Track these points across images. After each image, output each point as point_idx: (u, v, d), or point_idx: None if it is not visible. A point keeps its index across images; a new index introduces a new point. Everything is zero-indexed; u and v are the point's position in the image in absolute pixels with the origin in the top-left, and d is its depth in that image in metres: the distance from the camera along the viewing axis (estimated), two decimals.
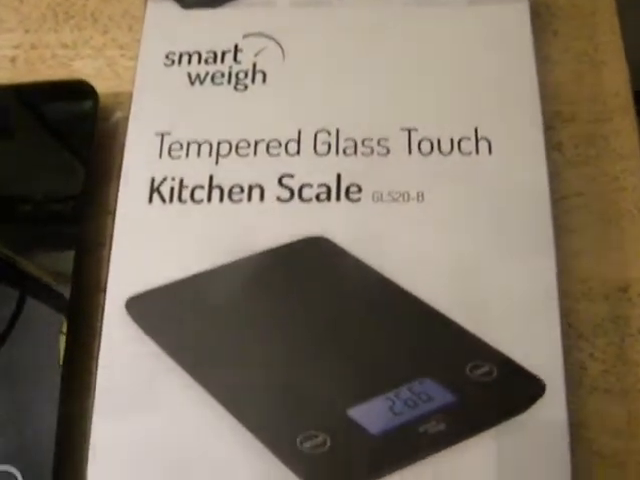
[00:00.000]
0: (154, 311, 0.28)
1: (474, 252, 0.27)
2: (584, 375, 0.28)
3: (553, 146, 0.31)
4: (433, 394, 0.26)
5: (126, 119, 0.31)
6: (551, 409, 0.25)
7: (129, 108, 0.31)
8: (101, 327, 0.27)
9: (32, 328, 0.29)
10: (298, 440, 0.25)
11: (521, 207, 0.28)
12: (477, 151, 0.28)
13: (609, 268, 0.29)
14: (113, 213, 0.29)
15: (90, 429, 0.26)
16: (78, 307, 0.29)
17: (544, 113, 0.29)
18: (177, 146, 0.30)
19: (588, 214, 0.30)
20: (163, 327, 0.27)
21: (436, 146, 0.29)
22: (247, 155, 0.29)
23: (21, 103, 0.33)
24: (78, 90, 0.32)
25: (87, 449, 0.26)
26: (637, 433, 0.27)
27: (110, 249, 0.28)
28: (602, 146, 0.31)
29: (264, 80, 0.31)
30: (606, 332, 0.28)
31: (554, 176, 0.29)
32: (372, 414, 0.25)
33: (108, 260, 0.28)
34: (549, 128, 0.30)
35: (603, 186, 0.30)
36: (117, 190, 0.29)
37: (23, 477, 0.28)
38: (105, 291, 0.28)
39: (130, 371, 0.27)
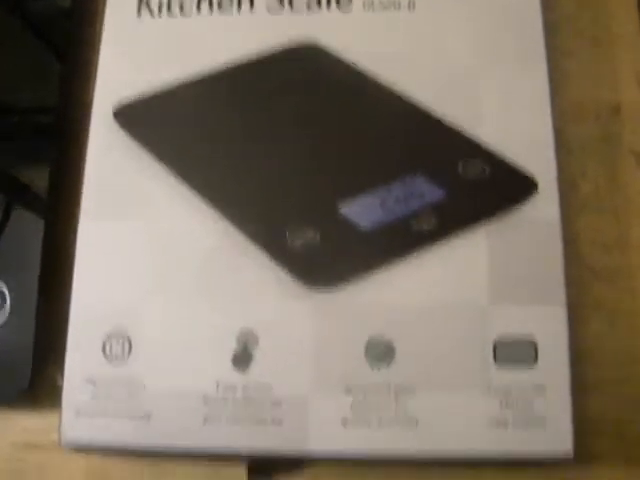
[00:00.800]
0: (142, 117, 0.27)
1: (466, 58, 0.27)
2: (575, 193, 0.28)
3: None
4: (424, 190, 0.25)
5: None
6: (544, 208, 0.25)
7: None
8: (88, 138, 0.27)
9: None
10: (287, 236, 0.25)
11: (512, 21, 0.27)
12: None
13: (601, 89, 0.29)
14: (100, 33, 0.29)
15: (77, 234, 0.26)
16: (66, 127, 0.29)
17: None
18: None
19: (580, 38, 0.29)
20: (151, 132, 0.27)
21: None
22: None
23: None
24: None
25: (73, 262, 0.26)
26: (626, 250, 0.27)
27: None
28: None
29: None
30: (597, 152, 0.28)
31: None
32: (363, 210, 0.25)
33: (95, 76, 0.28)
34: None
35: (595, 10, 0.30)
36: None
37: (9, 289, 0.27)
38: (92, 104, 0.28)
39: (116, 175, 0.26)
